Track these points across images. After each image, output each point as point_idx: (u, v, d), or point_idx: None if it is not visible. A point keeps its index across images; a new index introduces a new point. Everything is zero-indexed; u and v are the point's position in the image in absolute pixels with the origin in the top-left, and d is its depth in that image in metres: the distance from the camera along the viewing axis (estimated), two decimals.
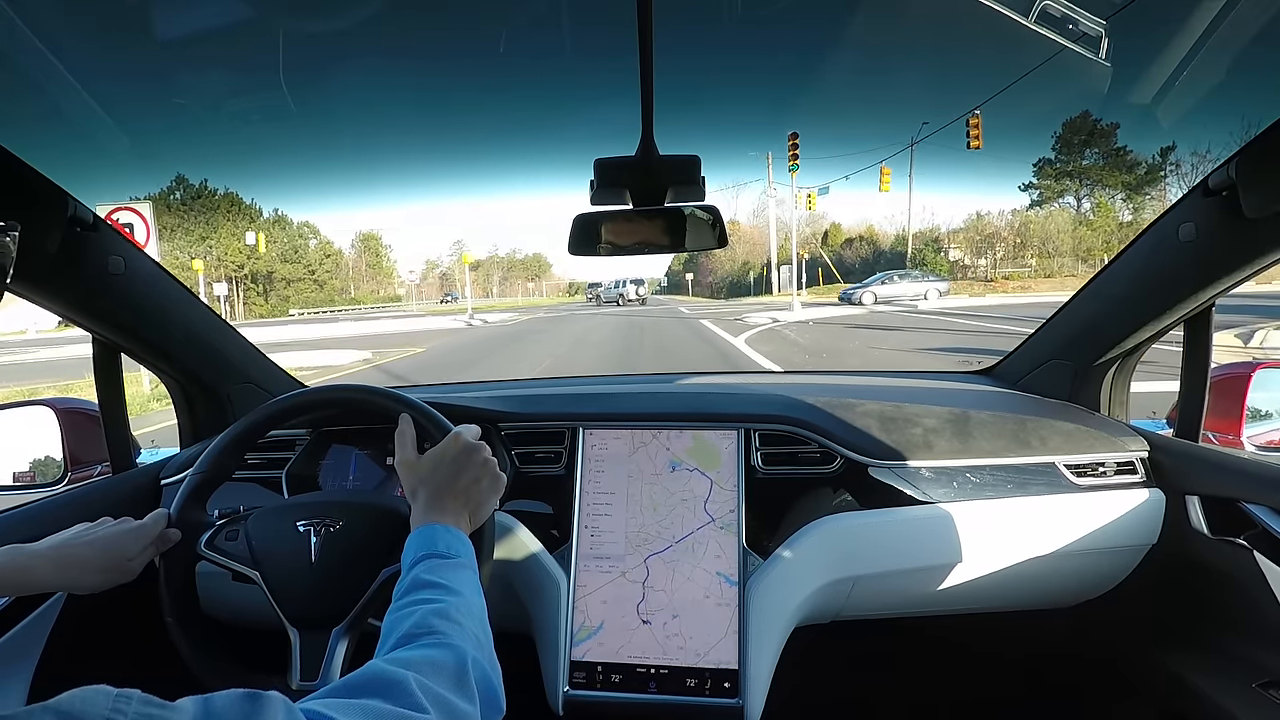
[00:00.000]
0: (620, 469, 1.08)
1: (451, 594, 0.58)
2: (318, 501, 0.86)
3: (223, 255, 38.93)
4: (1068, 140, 31.53)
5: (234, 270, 39.45)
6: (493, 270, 78.15)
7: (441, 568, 0.61)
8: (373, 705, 0.41)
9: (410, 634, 0.53)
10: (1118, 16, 1.20)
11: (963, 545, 1.05)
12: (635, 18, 0.68)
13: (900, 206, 56.69)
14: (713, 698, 0.93)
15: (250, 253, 36.77)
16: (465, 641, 0.52)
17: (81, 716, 0.24)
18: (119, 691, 0.26)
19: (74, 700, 0.25)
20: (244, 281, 40.14)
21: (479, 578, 0.65)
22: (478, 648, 0.53)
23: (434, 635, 0.52)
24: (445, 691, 0.46)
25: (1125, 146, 30.04)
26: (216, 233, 39.54)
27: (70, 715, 0.24)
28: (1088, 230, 29.08)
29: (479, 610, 0.59)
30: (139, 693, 0.27)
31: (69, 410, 1.16)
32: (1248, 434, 1.10)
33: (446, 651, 0.50)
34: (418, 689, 0.43)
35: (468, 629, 0.55)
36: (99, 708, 0.25)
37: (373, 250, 53.88)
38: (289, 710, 0.34)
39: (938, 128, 29.31)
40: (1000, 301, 20.71)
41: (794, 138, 19.98)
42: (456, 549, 0.65)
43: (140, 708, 0.26)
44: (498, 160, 59.08)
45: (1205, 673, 1.00)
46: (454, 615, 0.55)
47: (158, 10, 1.34)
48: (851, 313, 17.76)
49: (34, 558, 0.72)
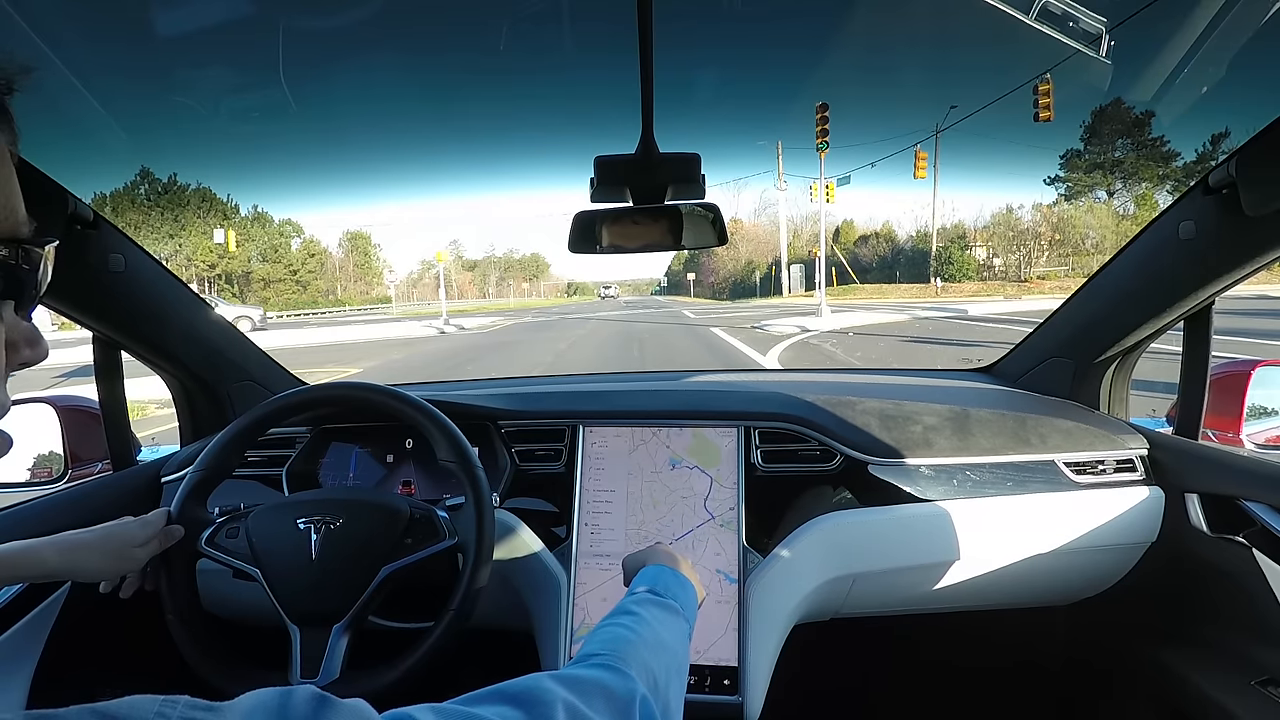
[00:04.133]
0: (620, 467, 1.08)
1: (648, 629, 0.55)
2: (318, 499, 0.86)
3: (192, 254, 37.15)
4: (1097, 130, 30.08)
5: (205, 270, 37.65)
6: (490, 270, 77.85)
7: (653, 604, 0.59)
8: (495, 713, 0.37)
9: (593, 653, 0.50)
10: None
11: (962, 543, 1.05)
12: (635, 14, 0.68)
13: (913, 203, 55.44)
14: (712, 694, 0.93)
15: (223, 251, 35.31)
16: (642, 679, 0.48)
17: (125, 718, 0.24)
18: (165, 697, 0.26)
19: (121, 705, 0.25)
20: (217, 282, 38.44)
21: (688, 632, 0.61)
22: (652, 691, 0.48)
23: (614, 659, 0.49)
24: (602, 719, 0.42)
25: (1161, 136, 28.61)
26: (185, 230, 37.76)
27: (114, 716, 0.24)
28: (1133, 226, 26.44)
29: (674, 661, 0.55)
30: (186, 697, 0.27)
31: (69, 408, 1.16)
32: (1247, 432, 1.10)
33: (619, 679, 0.46)
34: (563, 715, 0.39)
35: (652, 669, 0.50)
36: (145, 711, 0.25)
37: (361, 250, 53.03)
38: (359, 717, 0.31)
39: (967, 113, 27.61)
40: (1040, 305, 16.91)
41: (823, 109, 16.58)
42: (676, 593, 0.63)
43: (186, 711, 0.26)
44: (496, 158, 59.06)
45: (1204, 670, 1.00)
46: (642, 651, 0.51)
47: (158, 9, 1.34)
48: (893, 319, 14.99)
49: (41, 544, 0.73)
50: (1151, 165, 29.17)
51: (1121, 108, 28.85)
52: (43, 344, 0.37)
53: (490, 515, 0.84)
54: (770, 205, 47.79)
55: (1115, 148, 30.22)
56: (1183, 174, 28.12)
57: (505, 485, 1.10)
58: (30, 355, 0.37)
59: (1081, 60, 2.40)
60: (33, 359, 0.37)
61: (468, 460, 0.87)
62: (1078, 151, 31.23)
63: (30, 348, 0.37)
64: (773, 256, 38.26)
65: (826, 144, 16.79)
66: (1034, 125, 13.06)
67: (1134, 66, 1.52)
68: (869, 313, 16.71)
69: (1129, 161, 29.85)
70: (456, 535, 0.83)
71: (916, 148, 21.08)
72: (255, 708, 0.28)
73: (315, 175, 55.40)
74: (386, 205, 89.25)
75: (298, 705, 0.29)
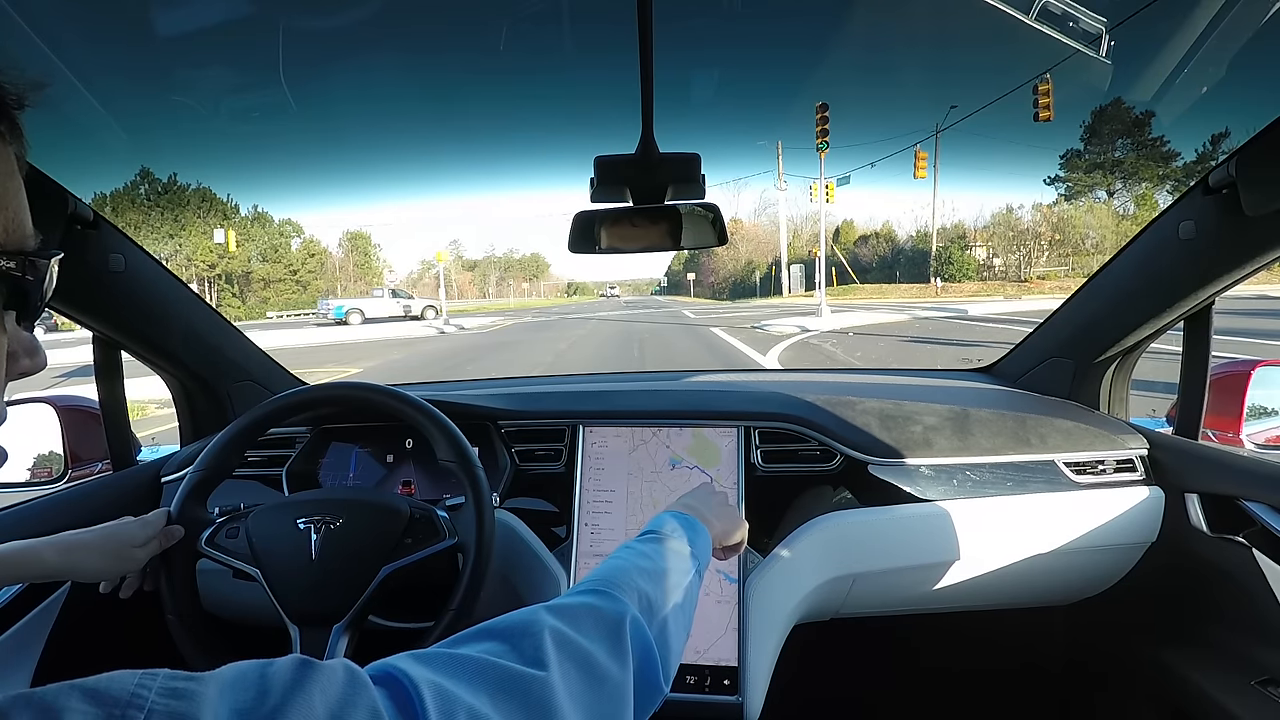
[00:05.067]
0: (620, 466, 1.08)
1: (645, 559, 0.55)
2: (318, 499, 0.86)
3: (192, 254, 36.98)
4: (1097, 130, 29.96)
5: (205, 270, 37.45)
6: (490, 270, 77.77)
7: (654, 540, 0.59)
8: (480, 649, 0.38)
9: (584, 583, 0.50)
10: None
11: (962, 543, 1.05)
12: (635, 14, 0.68)
13: (913, 203, 55.23)
14: (712, 694, 0.94)
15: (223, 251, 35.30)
16: (634, 602, 0.48)
17: (107, 693, 0.25)
18: (145, 670, 0.26)
19: (101, 678, 0.25)
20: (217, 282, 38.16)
21: (696, 569, 0.60)
22: (646, 613, 0.48)
23: (604, 583, 0.49)
24: (592, 645, 0.42)
25: (1161, 136, 28.46)
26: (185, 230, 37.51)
27: (96, 692, 0.24)
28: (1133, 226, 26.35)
29: (674, 585, 0.54)
30: (166, 670, 0.27)
31: (69, 408, 1.16)
32: (1247, 432, 1.10)
33: (607, 602, 0.46)
34: (550, 642, 0.40)
35: (646, 594, 0.50)
36: (124, 683, 0.25)
37: (361, 250, 53.03)
38: (350, 677, 0.31)
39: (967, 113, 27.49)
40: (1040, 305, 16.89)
41: (823, 109, 16.61)
42: (680, 532, 0.61)
43: (166, 682, 0.26)
44: (496, 158, 58.98)
45: (1204, 670, 1.00)
46: (635, 577, 0.51)
47: (158, 9, 1.34)
48: (893, 319, 14.92)
49: (41, 544, 0.73)
50: (1151, 165, 29.05)
51: (1121, 108, 28.74)
52: (41, 354, 0.38)
53: (490, 515, 0.84)
54: (770, 205, 47.74)
55: (1115, 148, 30.10)
56: (1183, 174, 28.00)
57: (505, 485, 1.10)
58: (29, 365, 0.38)
59: (1081, 60, 2.40)
60: (31, 369, 0.38)
61: (468, 460, 0.87)
62: (1078, 151, 31.13)
63: (30, 358, 0.37)
64: (773, 256, 38.14)
65: (826, 144, 16.75)
66: (1034, 125, 13.03)
67: (1134, 66, 1.53)
68: (869, 313, 16.65)
69: (1129, 161, 29.74)
70: (456, 535, 0.83)
71: (916, 148, 21.05)
72: (237, 678, 0.28)
73: (315, 175, 55.38)
74: (386, 205, 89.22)
75: (279, 671, 0.29)
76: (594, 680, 0.41)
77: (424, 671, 0.34)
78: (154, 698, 0.25)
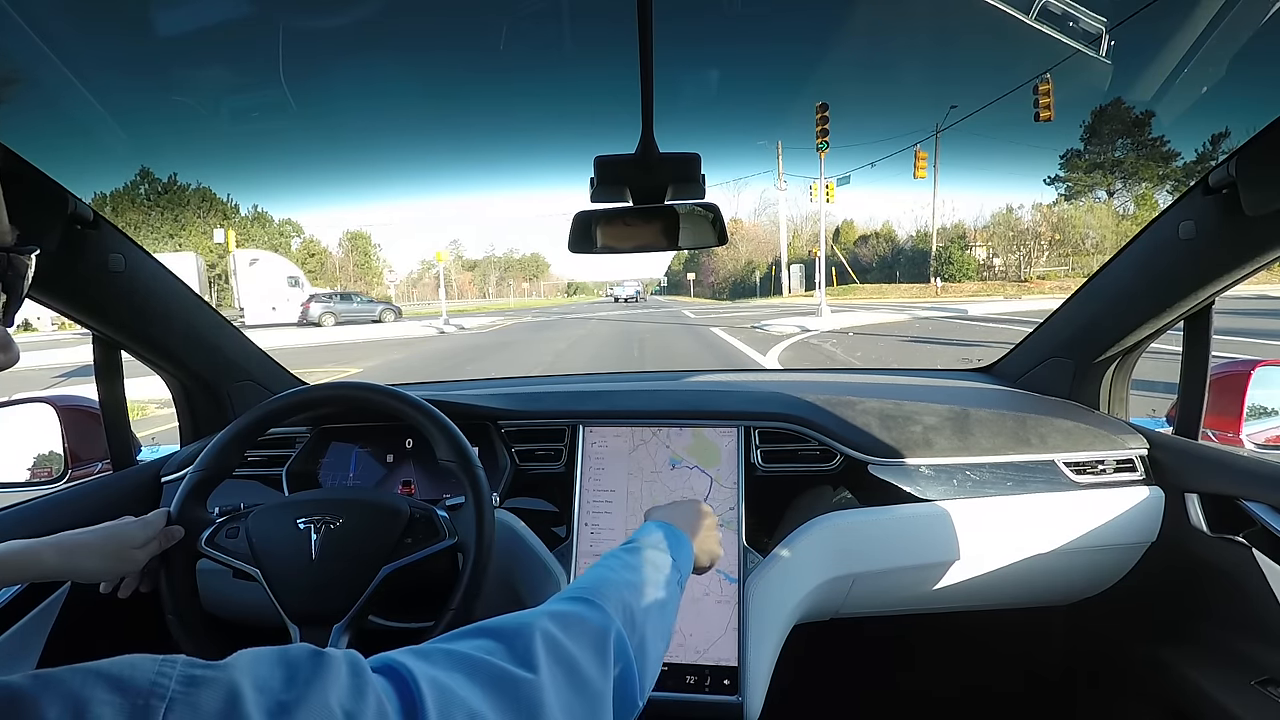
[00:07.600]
0: (620, 466, 1.08)
1: (630, 571, 0.56)
2: (318, 499, 0.86)
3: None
4: (1097, 130, 29.83)
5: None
6: (490, 270, 77.73)
7: (639, 551, 0.60)
8: (475, 647, 0.39)
9: (573, 589, 0.51)
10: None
11: (962, 543, 1.05)
12: (635, 14, 0.68)
13: (913, 203, 55.17)
14: (712, 694, 0.94)
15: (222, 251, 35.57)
16: (618, 615, 0.49)
17: (128, 679, 0.25)
18: (164, 656, 0.26)
19: (121, 664, 0.25)
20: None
21: (677, 581, 0.60)
22: (628, 627, 0.49)
23: (592, 593, 0.50)
24: (579, 653, 0.43)
25: (1161, 136, 28.32)
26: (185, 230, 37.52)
27: (116, 677, 0.25)
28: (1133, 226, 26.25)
29: (654, 600, 0.55)
30: (184, 656, 0.27)
31: (69, 407, 1.16)
32: (1247, 432, 1.10)
33: (595, 613, 0.47)
34: (540, 644, 0.41)
35: (629, 607, 0.51)
36: (145, 671, 0.25)
37: (361, 250, 53.11)
38: (355, 669, 0.32)
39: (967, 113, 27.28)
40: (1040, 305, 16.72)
41: (822, 109, 16.43)
42: (663, 544, 0.62)
43: (185, 669, 0.26)
44: (496, 158, 58.91)
45: (1204, 670, 1.00)
46: (622, 590, 0.52)
47: (158, 8, 1.34)
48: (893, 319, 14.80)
49: (41, 544, 0.73)
50: (1151, 165, 28.98)
51: (1121, 108, 28.66)
52: (14, 348, 0.38)
53: (490, 515, 0.84)
54: (770, 205, 47.67)
55: (1115, 148, 30.01)
56: (1183, 174, 27.94)
57: (505, 485, 1.10)
58: (2, 360, 0.38)
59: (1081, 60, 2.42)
60: (4, 363, 0.38)
61: (468, 460, 0.87)
62: (1078, 151, 31.05)
63: (2, 352, 0.37)
64: (773, 256, 38.09)
65: (826, 144, 16.60)
66: (1034, 125, 13.02)
67: (1134, 66, 1.54)
68: (869, 312, 16.51)
69: (1129, 161, 29.66)
70: (456, 535, 0.83)
71: (916, 147, 20.92)
72: (255, 660, 0.29)
73: (315, 175, 55.35)
74: (386, 205, 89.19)
75: (297, 655, 0.30)
76: (579, 687, 0.41)
77: (423, 666, 0.35)
78: (174, 685, 0.25)
